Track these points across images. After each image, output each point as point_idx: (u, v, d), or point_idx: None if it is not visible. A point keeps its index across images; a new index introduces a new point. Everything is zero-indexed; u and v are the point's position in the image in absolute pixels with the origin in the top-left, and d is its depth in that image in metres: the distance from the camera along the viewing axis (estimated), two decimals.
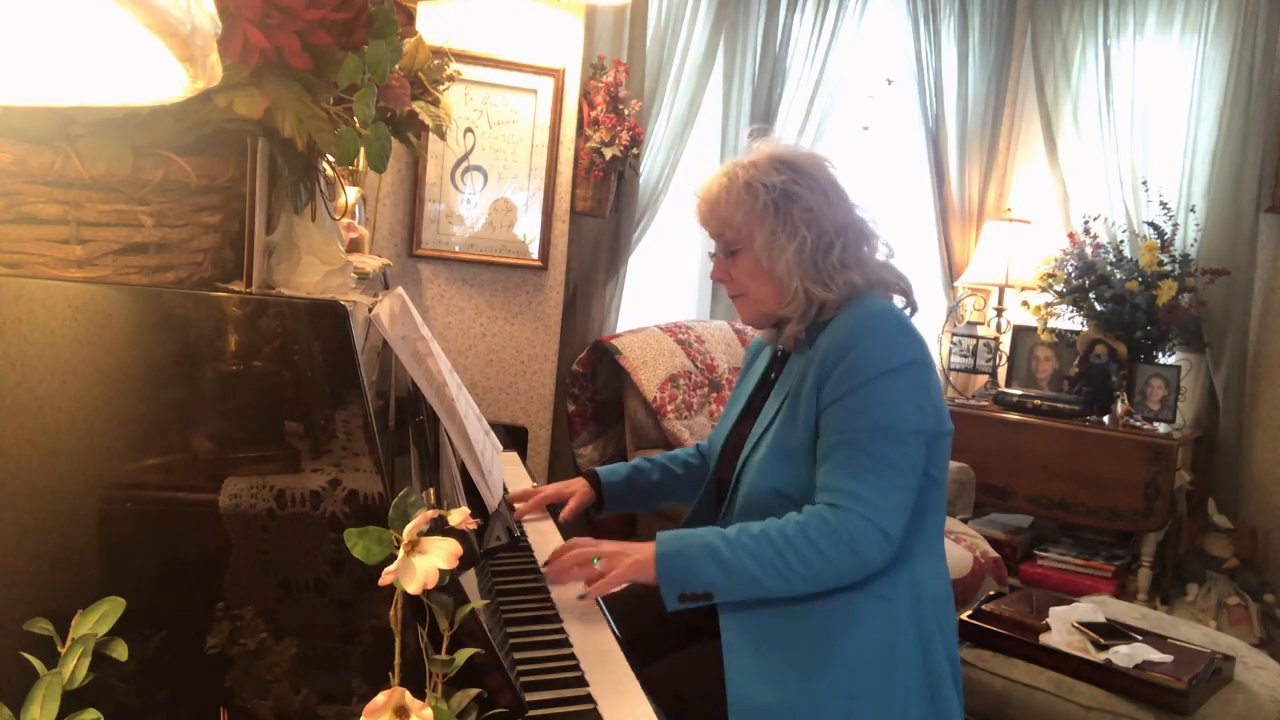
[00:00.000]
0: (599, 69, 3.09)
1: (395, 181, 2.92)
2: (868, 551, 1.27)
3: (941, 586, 1.41)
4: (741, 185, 1.42)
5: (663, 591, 1.28)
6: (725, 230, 1.45)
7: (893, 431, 1.30)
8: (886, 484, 1.29)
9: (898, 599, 1.33)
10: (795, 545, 1.26)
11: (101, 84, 0.55)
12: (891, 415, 1.31)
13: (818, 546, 1.26)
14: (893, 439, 1.30)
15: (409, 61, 1.17)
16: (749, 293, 1.46)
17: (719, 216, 1.45)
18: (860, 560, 1.28)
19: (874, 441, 1.30)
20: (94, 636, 0.73)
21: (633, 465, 1.75)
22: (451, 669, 0.81)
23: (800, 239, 1.40)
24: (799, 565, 1.26)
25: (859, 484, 1.28)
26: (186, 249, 0.86)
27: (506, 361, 3.10)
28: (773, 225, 1.40)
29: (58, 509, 0.79)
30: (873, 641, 1.31)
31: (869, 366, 1.32)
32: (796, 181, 1.42)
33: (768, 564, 1.27)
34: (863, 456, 1.30)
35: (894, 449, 1.30)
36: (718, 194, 1.44)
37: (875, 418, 1.31)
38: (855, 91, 3.77)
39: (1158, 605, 3.32)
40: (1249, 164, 3.35)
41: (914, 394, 1.33)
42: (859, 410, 1.31)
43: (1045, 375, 3.79)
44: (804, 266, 1.40)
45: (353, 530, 0.78)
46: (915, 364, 1.35)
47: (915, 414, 1.33)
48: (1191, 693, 1.78)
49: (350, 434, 0.84)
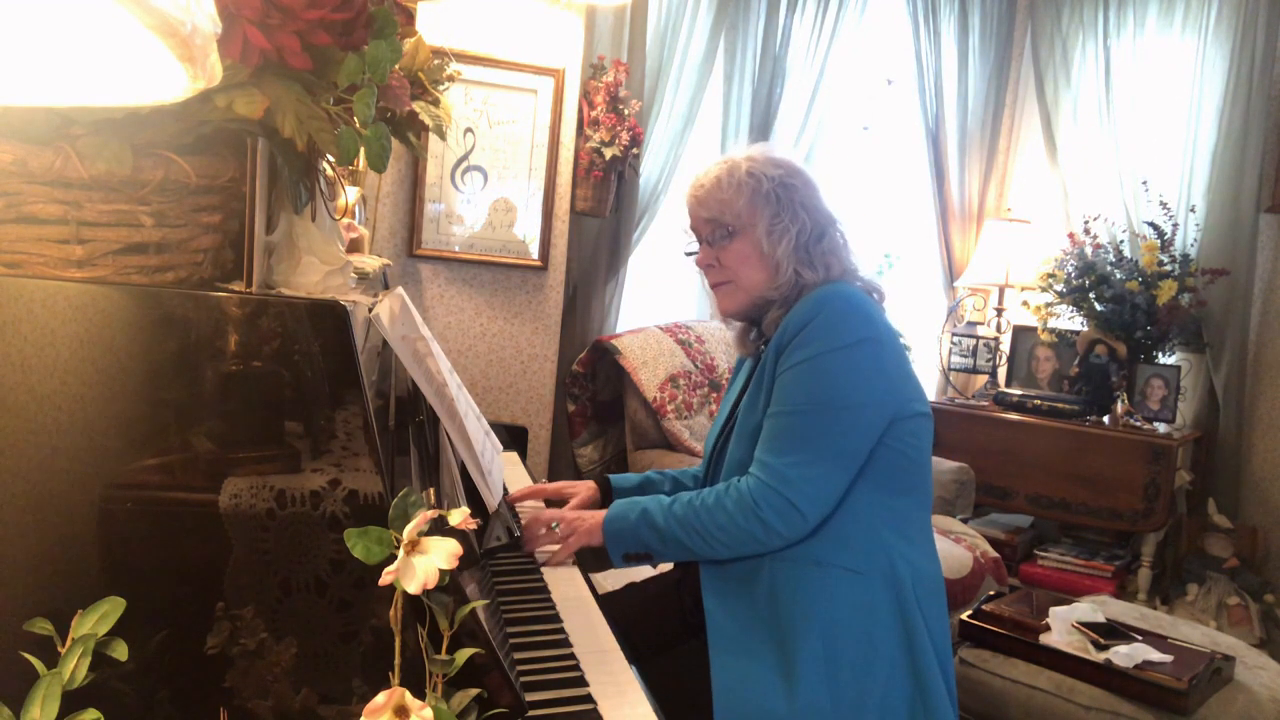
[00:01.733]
0: (599, 69, 3.09)
1: (395, 181, 2.92)
2: (773, 519, 1.34)
3: (925, 570, 1.42)
4: (744, 172, 1.48)
5: (609, 550, 1.45)
6: (723, 214, 1.49)
7: (826, 405, 1.35)
8: (800, 456, 1.34)
9: (871, 572, 1.36)
10: (711, 513, 1.38)
11: (101, 84, 0.55)
12: (829, 390, 1.35)
13: (729, 512, 1.37)
14: (825, 412, 1.35)
15: (409, 61, 1.17)
16: (737, 279, 1.50)
17: (719, 200, 1.49)
18: (766, 527, 1.34)
19: (799, 414, 1.36)
20: (94, 636, 0.73)
21: (644, 475, 1.77)
22: (451, 669, 0.81)
23: (801, 224, 1.47)
24: (715, 530, 1.37)
25: (772, 455, 1.36)
26: (186, 249, 0.86)
27: (506, 361, 3.10)
28: (775, 210, 1.47)
29: (58, 509, 0.79)
30: (850, 615, 1.33)
31: (818, 342, 1.36)
32: (791, 177, 1.50)
33: (690, 529, 1.39)
34: (783, 428, 1.36)
35: (817, 422, 1.35)
36: (718, 178, 1.50)
37: (811, 391, 1.36)
38: (855, 91, 3.78)
39: (1158, 605, 3.32)
40: (1249, 164, 3.35)
41: (859, 371, 1.37)
42: (794, 383, 1.37)
43: (1045, 375, 3.79)
44: (799, 251, 1.47)
45: (353, 530, 0.78)
46: (866, 342, 1.38)
47: (853, 390, 1.36)
48: (1191, 693, 1.78)
49: (350, 434, 0.84)
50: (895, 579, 1.36)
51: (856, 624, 1.33)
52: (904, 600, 1.36)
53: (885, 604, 1.35)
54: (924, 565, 1.42)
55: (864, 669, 1.31)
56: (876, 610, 1.34)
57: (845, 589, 1.35)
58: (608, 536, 1.45)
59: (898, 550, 1.38)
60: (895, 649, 1.34)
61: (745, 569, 1.40)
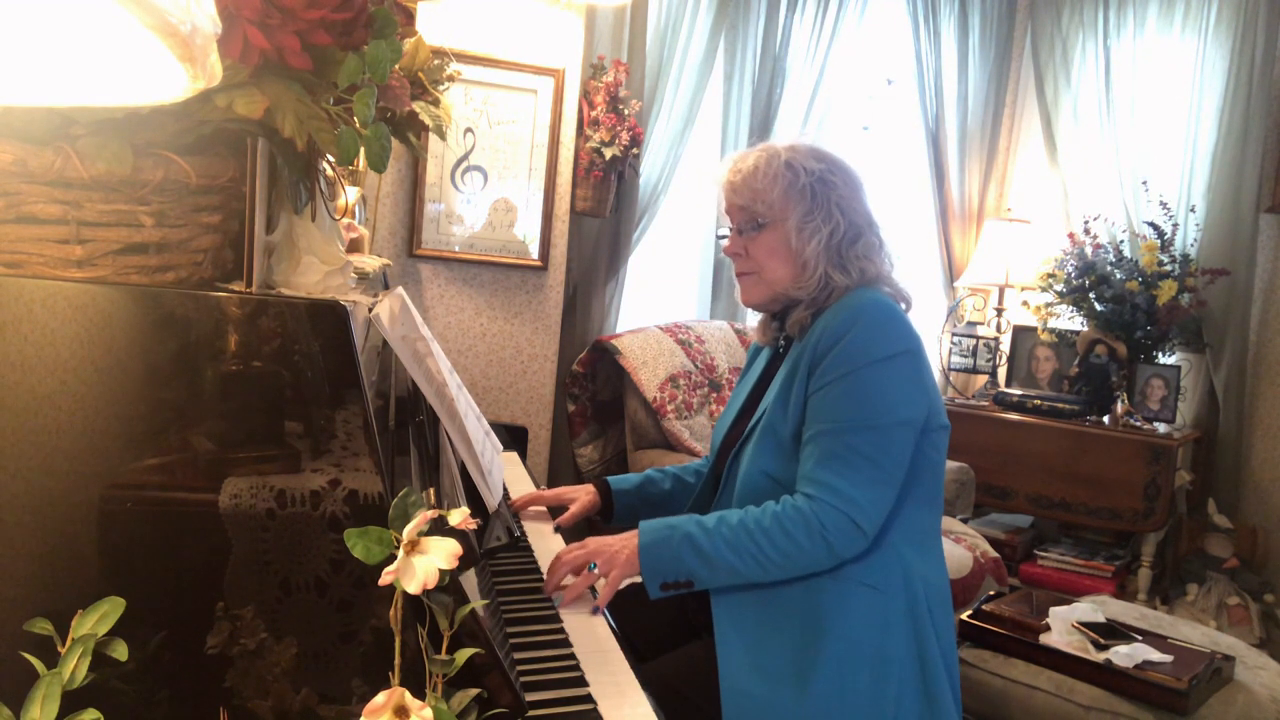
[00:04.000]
0: (599, 69, 3.09)
1: (395, 181, 2.92)
2: (838, 541, 1.30)
3: (936, 582, 1.41)
4: (783, 163, 1.44)
5: (645, 582, 1.33)
6: (756, 203, 1.45)
7: (875, 422, 1.32)
8: (863, 476, 1.31)
9: (889, 589, 1.34)
10: (770, 534, 1.30)
11: (101, 84, 0.55)
12: (876, 405, 1.32)
13: (791, 535, 1.30)
14: (875, 430, 1.32)
15: (409, 61, 1.17)
16: (763, 270, 1.46)
17: (752, 189, 1.45)
18: (831, 550, 1.30)
19: (855, 432, 1.32)
20: (94, 636, 0.73)
21: (644, 475, 1.74)
22: (451, 669, 0.81)
23: (834, 224, 1.43)
24: (773, 553, 1.30)
25: (835, 476, 1.31)
26: (186, 249, 0.86)
27: (506, 361, 3.10)
28: (809, 206, 1.43)
29: (58, 509, 0.79)
30: (864, 630, 1.31)
31: (858, 355, 1.33)
32: (832, 173, 1.45)
33: (744, 552, 1.31)
34: (841, 447, 1.32)
35: (875, 440, 1.31)
36: (755, 165, 1.45)
37: (859, 407, 1.32)
38: (855, 91, 3.77)
39: (1158, 605, 3.32)
40: (1249, 164, 3.35)
41: (902, 385, 1.34)
42: (844, 399, 1.33)
43: (1045, 375, 3.79)
44: (830, 251, 1.43)
45: (353, 530, 0.78)
46: (906, 354, 1.36)
47: (902, 405, 1.34)
48: (1191, 693, 1.78)
49: (350, 434, 0.84)
50: (910, 594, 1.35)
51: (871, 639, 1.31)
52: (918, 615, 1.34)
53: (900, 619, 1.33)
54: (936, 578, 1.41)
55: (877, 684, 1.30)
56: (891, 626, 1.33)
57: (862, 604, 1.32)
58: (645, 567, 1.33)
59: (913, 564, 1.37)
60: (908, 664, 1.32)
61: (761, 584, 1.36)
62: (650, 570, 1.33)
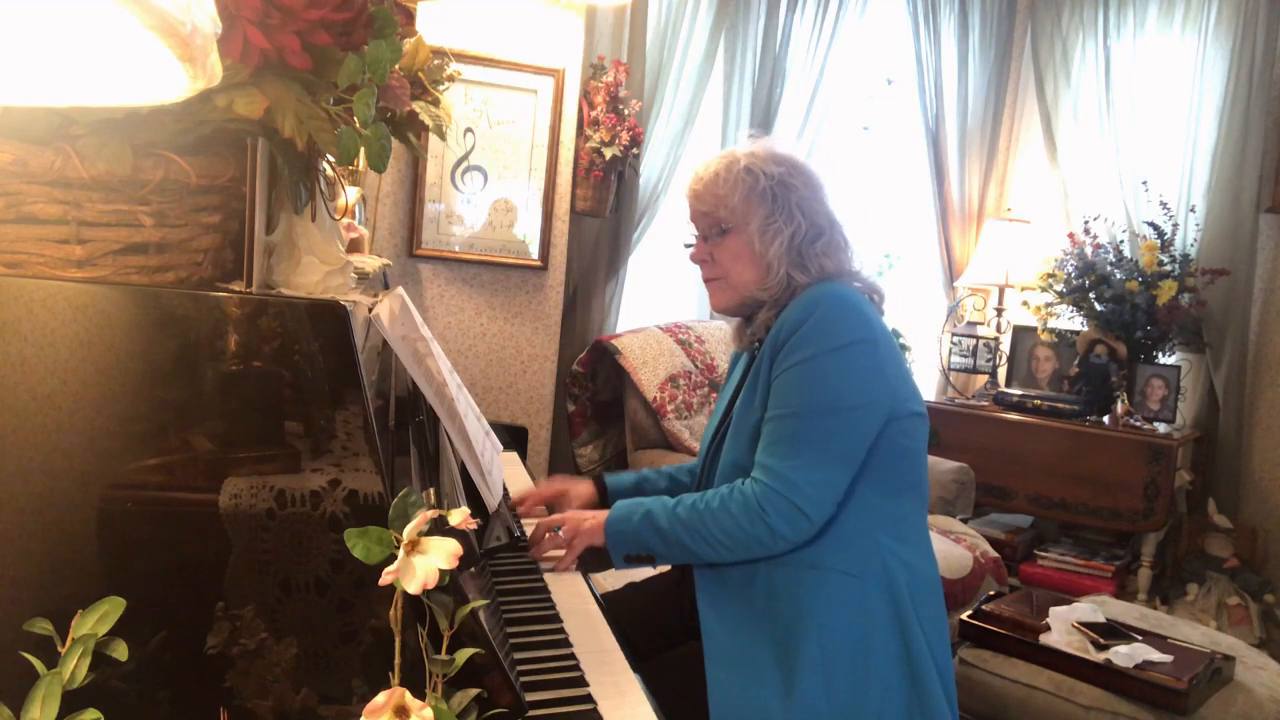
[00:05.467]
0: (599, 69, 3.09)
1: (395, 181, 2.92)
2: (779, 524, 1.33)
3: (919, 568, 1.41)
4: (742, 168, 1.46)
5: (610, 553, 1.44)
6: (719, 209, 1.47)
7: (827, 407, 1.34)
8: (805, 460, 1.33)
9: (867, 575, 1.35)
10: (716, 516, 1.37)
11: (101, 84, 0.55)
12: (827, 392, 1.35)
13: (734, 516, 1.35)
14: (826, 415, 1.34)
15: (409, 61, 1.17)
16: (729, 275, 1.50)
17: (714, 195, 1.47)
18: (772, 532, 1.33)
19: (801, 417, 1.35)
20: (94, 636, 0.73)
21: (640, 474, 1.76)
22: (451, 669, 0.81)
23: (795, 225, 1.45)
24: (720, 534, 1.36)
25: (778, 460, 1.35)
26: (186, 249, 0.86)
27: (506, 361, 3.10)
28: (770, 209, 1.45)
29: (58, 509, 0.79)
30: (844, 617, 1.33)
31: (813, 343, 1.36)
32: (793, 175, 1.47)
33: (694, 533, 1.38)
34: (787, 432, 1.35)
35: (822, 425, 1.34)
36: (717, 172, 1.48)
37: (808, 393, 1.35)
38: (855, 91, 3.78)
39: (1158, 605, 3.32)
40: (1249, 164, 3.35)
41: (856, 373, 1.36)
42: (795, 385, 1.36)
43: (1045, 375, 3.79)
44: (792, 253, 1.45)
45: (353, 530, 0.78)
46: (862, 343, 1.37)
47: (853, 392, 1.35)
48: (1191, 693, 1.78)
49: (350, 434, 0.84)
50: (890, 581, 1.36)
51: (853, 627, 1.33)
52: (899, 603, 1.36)
53: (881, 607, 1.35)
54: (920, 566, 1.42)
55: (860, 672, 1.31)
56: (872, 613, 1.34)
57: (841, 592, 1.34)
58: (609, 538, 1.43)
59: (892, 552, 1.38)
60: (891, 652, 1.33)
61: (741, 573, 1.39)
62: (615, 543, 1.43)
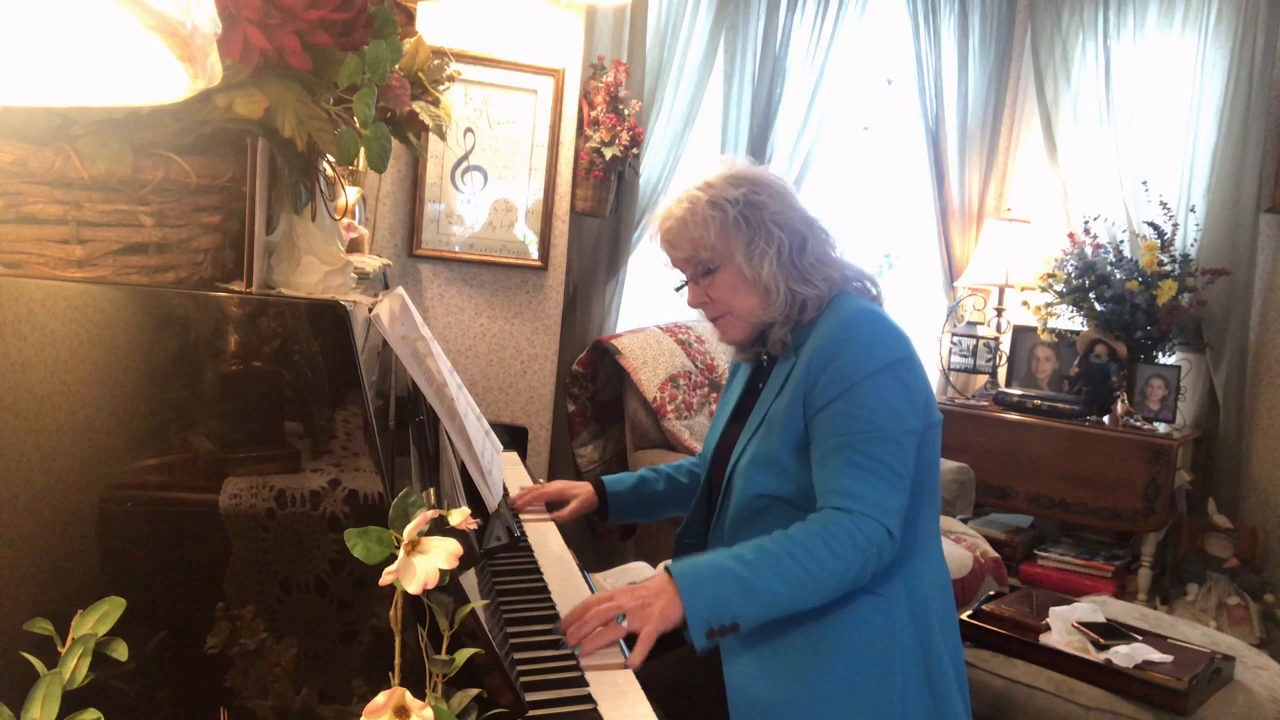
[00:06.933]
0: (599, 69, 3.09)
1: (395, 181, 2.92)
2: (881, 553, 1.28)
3: (939, 581, 1.41)
4: (705, 204, 1.41)
5: (691, 634, 1.20)
6: (699, 252, 1.43)
7: (887, 433, 1.32)
8: (887, 485, 1.30)
9: (893, 595, 1.34)
10: (818, 556, 1.24)
11: (101, 84, 0.55)
12: (883, 416, 1.33)
13: (840, 554, 1.25)
14: (887, 439, 1.32)
15: (409, 61, 1.17)
16: (732, 309, 1.45)
17: (690, 240, 1.43)
18: (875, 563, 1.28)
19: (870, 443, 1.31)
20: (94, 636, 0.73)
21: (638, 475, 1.74)
22: (451, 669, 0.81)
23: (778, 242, 1.41)
24: (823, 575, 1.24)
25: (864, 486, 1.29)
26: (186, 249, 0.86)
27: (506, 361, 3.10)
28: (748, 235, 1.41)
29: (58, 509, 0.79)
30: (870, 639, 1.31)
31: (856, 369, 1.33)
32: (756, 191, 1.43)
33: (792, 580, 1.24)
34: (862, 459, 1.31)
35: (889, 449, 1.32)
36: (683, 217, 1.43)
37: (868, 420, 1.32)
38: (855, 91, 3.77)
39: (1158, 605, 3.32)
40: (1249, 164, 3.35)
41: (903, 392, 1.35)
42: (851, 413, 1.33)
43: (1045, 375, 3.79)
44: (785, 269, 1.42)
45: (353, 530, 0.78)
46: (901, 361, 1.36)
47: (907, 413, 1.35)
48: (1191, 693, 1.78)
49: (350, 434, 0.84)
50: (913, 597, 1.35)
51: (876, 645, 1.32)
52: (922, 618, 1.35)
53: (904, 624, 1.34)
54: (937, 576, 1.42)
55: (883, 690, 1.30)
56: (895, 631, 1.33)
57: (867, 611, 1.33)
58: (692, 619, 1.20)
59: (914, 565, 1.37)
60: (913, 669, 1.33)
61: None
62: (695, 618, 1.20)
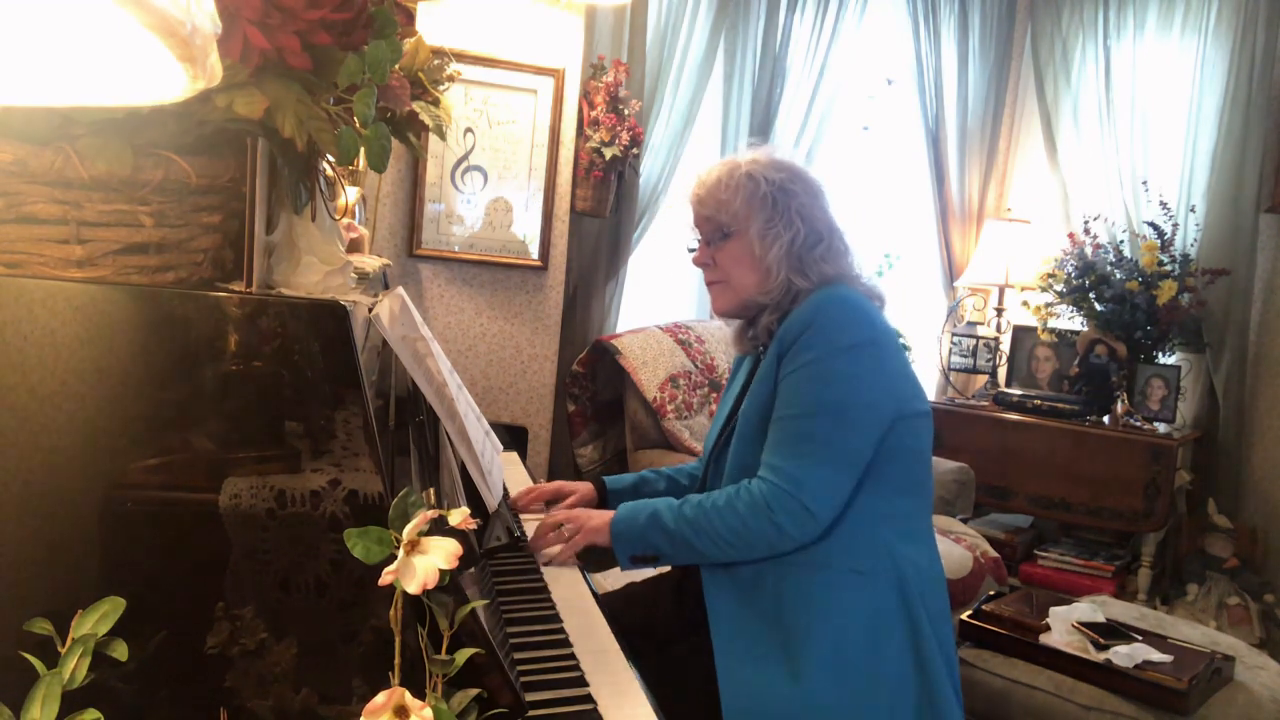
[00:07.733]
0: (599, 69, 3.09)
1: (395, 181, 2.92)
2: (786, 521, 1.33)
3: (926, 567, 1.42)
4: (744, 173, 1.49)
5: (615, 553, 1.44)
6: (720, 213, 1.50)
7: (833, 408, 1.35)
8: (812, 460, 1.34)
9: (877, 573, 1.36)
10: (723, 515, 1.37)
11: (101, 84, 0.55)
12: (835, 393, 1.36)
13: (741, 515, 1.36)
14: (833, 415, 1.35)
15: (409, 61, 1.17)
16: (730, 279, 1.52)
17: (716, 200, 1.50)
18: (780, 530, 1.34)
19: (808, 417, 1.36)
20: (94, 636, 0.73)
21: (639, 475, 1.76)
22: (451, 669, 0.81)
23: (795, 231, 1.47)
24: (727, 533, 1.36)
25: (784, 459, 1.36)
26: (186, 249, 0.86)
27: (506, 361, 3.10)
28: (769, 215, 1.47)
29: (58, 509, 0.79)
30: (855, 615, 1.34)
31: (819, 345, 1.37)
32: (793, 181, 1.49)
33: (701, 532, 1.38)
34: (795, 432, 1.36)
35: (828, 425, 1.35)
36: (719, 177, 1.51)
37: (818, 394, 1.36)
38: (855, 91, 3.77)
39: (1158, 605, 3.31)
40: (1249, 164, 3.35)
41: (861, 374, 1.38)
42: (801, 385, 1.37)
43: (1045, 375, 3.79)
44: (791, 258, 1.47)
45: (353, 530, 0.78)
46: (868, 344, 1.39)
47: (862, 392, 1.37)
48: (1191, 693, 1.78)
49: (350, 434, 0.84)
50: (900, 579, 1.37)
51: (863, 625, 1.33)
52: (908, 599, 1.36)
53: (891, 605, 1.35)
54: (926, 565, 1.42)
55: (871, 670, 1.31)
56: (882, 611, 1.35)
57: (852, 591, 1.35)
58: (615, 537, 1.43)
59: (901, 551, 1.39)
60: (902, 650, 1.34)
61: (750, 573, 1.39)
62: (620, 541, 1.43)
